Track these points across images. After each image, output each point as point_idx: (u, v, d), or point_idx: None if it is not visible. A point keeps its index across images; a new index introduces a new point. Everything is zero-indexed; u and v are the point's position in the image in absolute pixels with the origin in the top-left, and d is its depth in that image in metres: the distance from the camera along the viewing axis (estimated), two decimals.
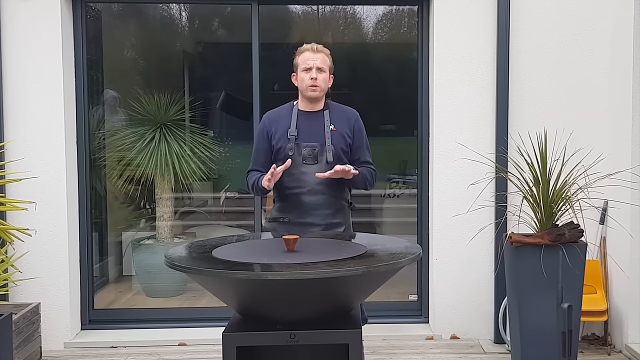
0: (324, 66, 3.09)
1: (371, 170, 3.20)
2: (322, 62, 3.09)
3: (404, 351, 4.04)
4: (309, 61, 3.07)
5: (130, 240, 5.24)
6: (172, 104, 4.99)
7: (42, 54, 4.07)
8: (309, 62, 3.07)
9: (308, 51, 3.10)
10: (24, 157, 3.98)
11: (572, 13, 4.15)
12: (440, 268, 4.25)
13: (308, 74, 3.07)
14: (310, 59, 3.08)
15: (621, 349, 3.99)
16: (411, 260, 2.33)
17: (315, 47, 3.11)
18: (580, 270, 3.32)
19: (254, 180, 3.11)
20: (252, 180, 3.14)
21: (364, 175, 3.12)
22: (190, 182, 4.91)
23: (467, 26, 4.15)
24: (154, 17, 6.02)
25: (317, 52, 3.09)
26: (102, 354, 4.04)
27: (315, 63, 3.07)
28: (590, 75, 4.16)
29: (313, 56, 3.08)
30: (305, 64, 3.08)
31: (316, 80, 3.05)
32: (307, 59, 3.08)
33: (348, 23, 6.22)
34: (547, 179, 3.36)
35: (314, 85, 3.06)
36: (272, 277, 2.09)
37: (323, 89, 3.10)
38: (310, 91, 3.08)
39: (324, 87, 3.11)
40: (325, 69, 3.10)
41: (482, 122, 4.17)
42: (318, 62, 3.07)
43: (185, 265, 2.28)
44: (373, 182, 3.22)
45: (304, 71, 3.08)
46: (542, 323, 3.31)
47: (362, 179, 3.12)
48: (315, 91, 3.07)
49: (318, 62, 3.07)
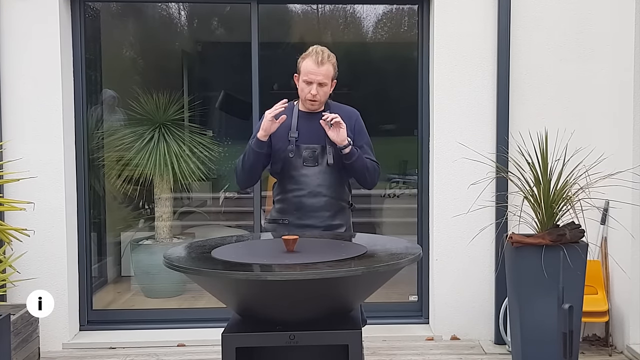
0: (326, 80, 2.97)
1: (374, 163, 3.09)
2: (324, 76, 2.96)
3: (404, 352, 4.02)
4: (311, 75, 2.95)
5: (129, 241, 5.22)
6: (171, 104, 4.97)
7: (40, 53, 4.06)
8: (310, 76, 2.95)
9: (312, 62, 2.95)
10: (22, 157, 3.97)
11: (573, 12, 4.14)
12: (441, 268, 4.23)
13: (308, 88, 2.98)
14: (313, 72, 2.95)
15: (622, 349, 3.98)
16: (411, 260, 2.31)
17: (320, 59, 2.95)
18: (581, 271, 3.31)
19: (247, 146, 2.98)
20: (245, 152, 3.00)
21: (363, 162, 3.00)
22: (189, 182, 4.90)
23: (467, 25, 4.14)
24: (153, 17, 6.01)
25: (320, 65, 2.95)
26: (101, 354, 4.03)
27: (317, 78, 2.95)
28: (592, 74, 4.14)
29: (316, 70, 2.94)
30: (306, 77, 2.97)
31: (316, 96, 2.99)
32: (309, 72, 2.95)
33: (348, 22, 6.21)
34: (548, 179, 3.35)
35: (312, 100, 3.01)
36: (271, 277, 2.07)
37: (322, 102, 3.04)
38: (309, 104, 3.03)
39: (324, 100, 3.04)
40: (327, 82, 2.99)
41: (483, 121, 4.16)
42: (320, 77, 2.95)
43: (184, 265, 2.27)
44: (375, 176, 3.10)
45: (305, 83, 2.99)
46: (543, 324, 3.30)
47: (362, 164, 2.99)
48: (313, 105, 3.02)
49: (320, 78, 2.95)
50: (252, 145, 2.96)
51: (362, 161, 3.01)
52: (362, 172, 3.03)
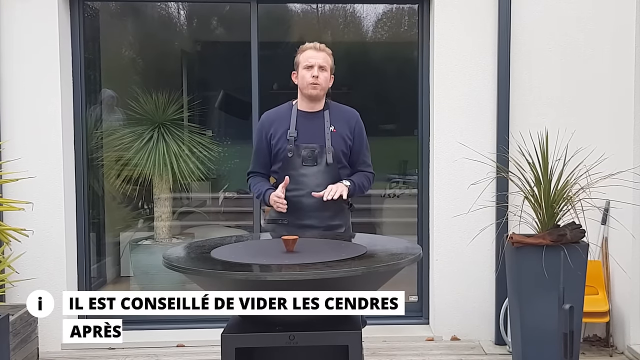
0: (326, 65, 3.06)
1: (368, 174, 3.18)
2: (324, 60, 3.06)
3: (404, 352, 4.01)
4: (311, 59, 3.04)
5: (128, 241, 5.21)
6: (171, 104, 4.96)
7: (39, 53, 4.05)
8: (311, 60, 3.04)
9: (310, 49, 3.07)
10: (21, 157, 3.95)
11: (574, 12, 4.13)
12: (441, 269, 4.22)
13: (310, 72, 3.03)
14: (313, 57, 3.05)
15: (623, 350, 3.97)
16: (411, 260, 2.31)
17: (318, 46, 3.08)
18: (581, 271, 3.30)
19: (259, 192, 3.11)
20: (256, 190, 3.14)
21: (360, 186, 3.11)
22: (189, 182, 4.88)
23: (467, 25, 4.13)
24: (152, 16, 6.00)
25: (319, 51, 3.07)
26: (100, 355, 4.02)
27: (317, 61, 3.04)
28: (592, 74, 4.13)
29: (315, 54, 3.05)
30: (307, 62, 3.05)
31: (317, 79, 3.02)
32: (309, 57, 3.05)
33: (348, 22, 6.20)
34: (548, 179, 3.34)
35: (315, 84, 3.03)
36: (271, 278, 2.07)
37: (324, 87, 3.07)
38: (311, 89, 3.04)
39: (325, 86, 3.08)
40: (327, 68, 3.07)
41: (483, 121, 4.14)
42: (320, 60, 3.05)
43: (183, 266, 2.27)
44: (370, 186, 3.22)
45: (306, 69, 3.05)
46: (543, 324, 3.28)
47: (359, 189, 3.11)
48: (316, 89, 3.04)
49: (320, 61, 3.04)
50: (265, 201, 3.09)
51: (358, 186, 3.11)
52: (360, 191, 3.14)
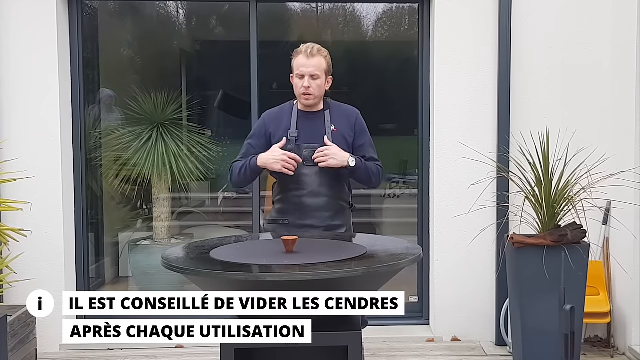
0: (318, 72, 2.97)
1: (377, 165, 3.10)
2: (316, 68, 2.96)
3: (404, 353, 4.00)
4: (302, 68, 2.96)
5: (126, 241, 5.20)
6: (170, 103, 4.95)
7: (37, 52, 4.04)
8: (302, 69, 2.96)
9: (302, 55, 2.98)
10: (19, 157, 3.93)
11: (575, 11, 4.11)
12: (441, 269, 4.21)
13: (301, 82, 2.98)
14: (304, 65, 2.96)
15: (624, 351, 3.96)
16: (412, 261, 2.30)
17: (309, 51, 2.97)
18: (583, 272, 3.29)
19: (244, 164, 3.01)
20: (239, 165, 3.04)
21: (368, 168, 3.02)
22: (188, 182, 4.88)
23: (468, 24, 4.12)
24: (151, 15, 5.99)
25: (311, 57, 2.97)
26: (99, 356, 4.01)
27: (308, 70, 2.95)
28: (594, 74, 4.12)
29: (306, 62, 2.96)
30: (298, 71, 2.98)
31: (309, 89, 2.97)
32: (300, 65, 2.97)
33: (348, 21, 6.19)
34: (549, 179, 3.33)
35: (307, 94, 2.99)
36: (270, 278, 2.06)
37: (317, 96, 3.02)
38: (303, 99, 3.01)
39: (319, 94, 3.02)
40: (320, 75, 2.98)
41: (484, 121, 4.13)
42: (311, 69, 2.95)
43: (182, 266, 2.26)
44: (379, 178, 3.11)
45: (298, 77, 3.00)
46: (544, 325, 3.27)
47: (366, 171, 3.02)
48: (308, 100, 3.00)
49: (311, 69, 2.95)
50: (252, 165, 2.99)
51: (367, 168, 3.03)
52: (368, 177, 3.05)
